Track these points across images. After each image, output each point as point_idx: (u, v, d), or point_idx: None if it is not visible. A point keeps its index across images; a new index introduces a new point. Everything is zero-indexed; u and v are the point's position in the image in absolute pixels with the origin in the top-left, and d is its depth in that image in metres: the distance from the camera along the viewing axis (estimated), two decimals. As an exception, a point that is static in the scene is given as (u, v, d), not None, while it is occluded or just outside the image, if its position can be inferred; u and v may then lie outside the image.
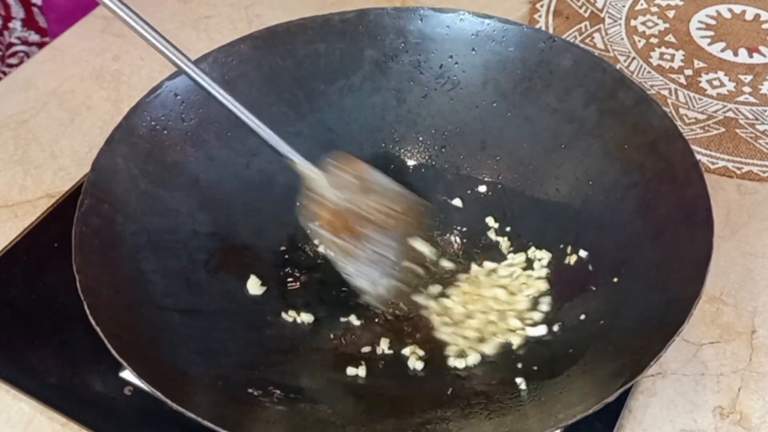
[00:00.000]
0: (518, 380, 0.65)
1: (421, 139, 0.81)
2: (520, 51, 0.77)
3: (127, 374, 0.66)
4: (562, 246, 0.74)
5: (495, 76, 0.78)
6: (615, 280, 0.68)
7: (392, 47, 0.80)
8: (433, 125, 0.81)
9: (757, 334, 0.71)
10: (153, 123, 0.73)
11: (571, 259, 0.73)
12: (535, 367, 0.66)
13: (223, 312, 0.69)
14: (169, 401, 0.55)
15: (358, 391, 0.67)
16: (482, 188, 0.80)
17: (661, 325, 0.59)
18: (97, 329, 0.58)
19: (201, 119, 0.75)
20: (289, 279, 0.75)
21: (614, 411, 0.65)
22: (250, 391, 0.63)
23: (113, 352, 0.57)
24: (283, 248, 0.76)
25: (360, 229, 0.68)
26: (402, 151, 0.82)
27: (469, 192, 0.80)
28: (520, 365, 0.67)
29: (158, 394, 0.56)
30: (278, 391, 0.64)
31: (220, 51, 0.77)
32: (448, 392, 0.65)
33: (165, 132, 0.73)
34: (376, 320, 0.72)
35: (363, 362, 0.68)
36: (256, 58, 0.77)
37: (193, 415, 0.54)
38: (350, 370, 0.68)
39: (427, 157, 0.82)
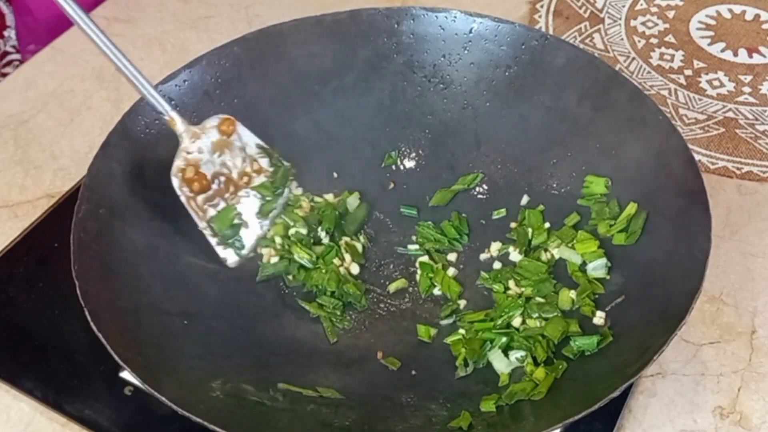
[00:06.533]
0: None
1: (415, 138, 0.81)
2: (513, 49, 0.77)
3: (127, 374, 0.66)
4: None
5: (488, 74, 0.79)
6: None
7: (385, 47, 0.80)
8: (427, 125, 0.81)
9: (757, 334, 0.71)
10: (148, 128, 0.73)
11: None
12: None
13: (223, 315, 0.69)
14: (175, 407, 0.55)
15: (360, 392, 0.66)
16: (477, 187, 0.80)
17: (663, 320, 0.59)
18: (99, 335, 0.58)
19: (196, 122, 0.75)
20: (288, 280, 0.75)
21: (614, 411, 0.65)
22: (253, 393, 0.63)
23: (116, 358, 0.57)
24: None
25: (218, 187, 0.72)
26: (396, 150, 0.82)
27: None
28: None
29: (164, 399, 0.56)
30: (281, 393, 0.64)
31: (213, 53, 0.77)
32: (448, 393, 0.65)
33: (160, 136, 0.73)
34: (377, 320, 0.72)
35: (364, 363, 0.68)
36: (249, 60, 0.78)
37: (199, 420, 0.54)
38: (352, 371, 0.68)
39: (421, 157, 0.82)
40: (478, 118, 0.80)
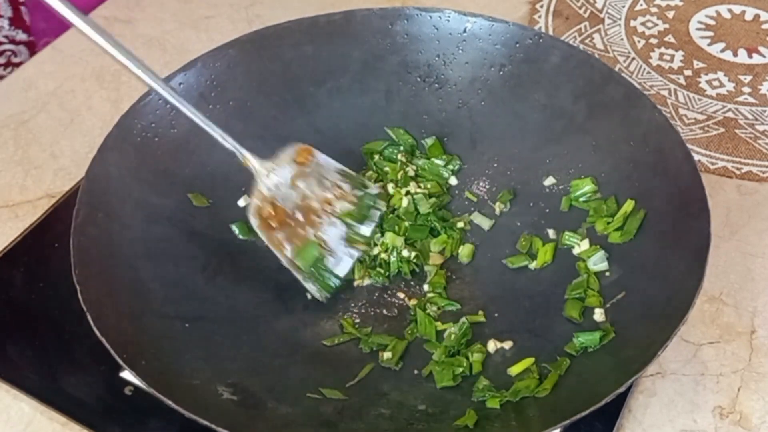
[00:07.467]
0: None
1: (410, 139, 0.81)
2: (507, 48, 0.77)
3: (127, 374, 0.66)
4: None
5: (483, 73, 0.79)
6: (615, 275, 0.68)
7: (380, 48, 0.80)
8: (422, 124, 0.81)
9: (756, 334, 0.71)
10: (144, 131, 0.73)
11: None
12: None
13: (223, 318, 0.69)
14: (185, 411, 0.55)
15: (363, 392, 0.66)
16: (473, 187, 0.80)
17: (664, 317, 0.59)
18: (103, 341, 0.58)
19: (191, 126, 0.74)
20: (286, 282, 0.75)
21: (614, 411, 0.65)
22: (257, 395, 0.63)
23: (123, 364, 0.57)
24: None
25: (299, 220, 0.71)
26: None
27: (460, 190, 0.80)
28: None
29: (172, 404, 0.56)
30: (284, 395, 0.64)
31: (208, 56, 0.77)
32: (452, 391, 0.65)
33: (156, 139, 0.73)
34: (376, 320, 0.72)
35: (367, 363, 0.68)
36: (244, 62, 0.78)
37: (206, 422, 0.54)
38: (355, 372, 0.68)
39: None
40: (474, 117, 0.80)
